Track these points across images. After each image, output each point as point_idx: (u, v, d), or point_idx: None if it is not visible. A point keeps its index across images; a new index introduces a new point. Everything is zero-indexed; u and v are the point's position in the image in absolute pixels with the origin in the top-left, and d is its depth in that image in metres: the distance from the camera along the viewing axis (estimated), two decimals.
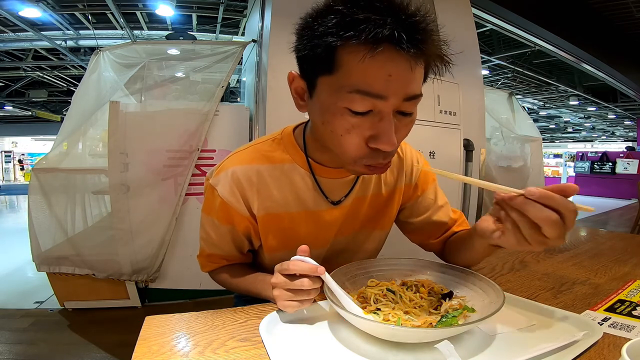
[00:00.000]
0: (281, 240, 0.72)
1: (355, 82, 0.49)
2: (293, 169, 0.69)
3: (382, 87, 0.49)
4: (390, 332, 0.50)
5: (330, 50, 0.49)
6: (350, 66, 0.48)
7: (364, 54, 0.46)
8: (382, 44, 0.46)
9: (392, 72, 0.48)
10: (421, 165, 0.80)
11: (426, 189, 0.81)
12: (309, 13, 0.52)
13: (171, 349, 0.51)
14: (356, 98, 0.49)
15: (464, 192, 2.45)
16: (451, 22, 2.68)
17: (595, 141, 19.25)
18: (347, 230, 0.76)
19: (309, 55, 0.52)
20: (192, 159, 2.32)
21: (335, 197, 0.71)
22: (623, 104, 9.17)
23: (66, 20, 4.86)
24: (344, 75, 0.49)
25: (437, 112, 2.24)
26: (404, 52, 0.47)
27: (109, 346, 1.93)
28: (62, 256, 2.25)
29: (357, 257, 0.80)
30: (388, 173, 0.77)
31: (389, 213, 0.79)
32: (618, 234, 1.26)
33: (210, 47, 2.52)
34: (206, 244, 0.75)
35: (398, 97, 0.50)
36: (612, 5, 4.57)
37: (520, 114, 4.85)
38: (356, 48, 0.47)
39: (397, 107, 0.52)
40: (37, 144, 16.31)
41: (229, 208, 0.67)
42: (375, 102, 0.50)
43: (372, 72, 0.48)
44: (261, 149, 0.70)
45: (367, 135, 0.53)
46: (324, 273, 0.56)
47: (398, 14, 0.46)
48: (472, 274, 0.64)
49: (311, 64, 0.53)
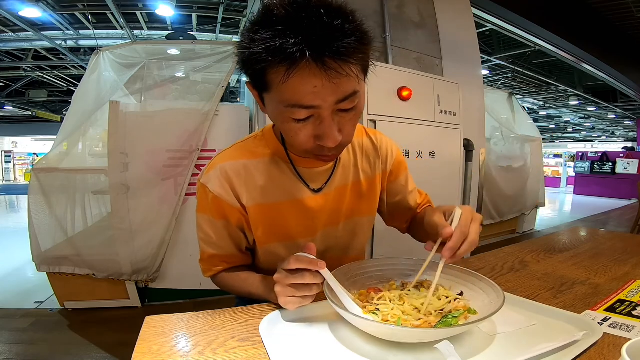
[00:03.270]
0: (271, 231, 0.75)
1: (288, 99, 0.54)
2: (274, 162, 0.74)
3: (311, 99, 0.53)
4: (390, 332, 0.50)
5: (259, 74, 0.55)
6: (279, 86, 0.53)
7: (285, 74, 0.51)
8: (298, 63, 0.50)
9: (316, 84, 0.52)
10: (395, 153, 0.86)
11: (399, 175, 0.87)
12: (241, 39, 0.56)
13: (171, 349, 0.51)
14: (294, 110, 0.55)
15: (463, 192, 2.45)
16: (451, 22, 2.68)
17: (595, 141, 19.25)
18: (335, 219, 0.79)
19: (248, 75, 0.59)
20: (192, 159, 2.32)
21: (316, 185, 0.76)
22: (623, 104, 9.18)
23: (66, 20, 4.86)
24: (277, 93, 0.55)
25: (437, 112, 2.24)
26: (322, 65, 0.50)
27: (109, 346, 1.93)
28: (62, 256, 2.25)
29: (352, 245, 0.84)
30: (364, 161, 0.82)
31: (373, 198, 0.84)
32: (618, 234, 1.26)
33: (210, 47, 2.53)
34: (205, 244, 0.76)
35: (330, 102, 0.54)
36: (612, 5, 4.57)
37: (520, 114, 4.85)
38: (279, 70, 0.51)
39: (335, 108, 0.56)
40: (37, 144, 16.31)
41: (221, 202, 0.71)
42: (312, 111, 0.55)
43: (299, 89, 0.52)
44: (245, 146, 0.76)
45: (313, 135, 0.59)
46: (324, 267, 0.57)
47: (312, 29, 0.49)
48: (472, 274, 0.64)
49: (252, 83, 0.60)
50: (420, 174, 2.27)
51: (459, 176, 2.37)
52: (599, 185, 10.35)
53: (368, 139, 0.84)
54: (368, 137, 0.84)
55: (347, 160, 0.79)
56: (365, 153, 0.82)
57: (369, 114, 1.97)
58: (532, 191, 4.81)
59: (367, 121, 1.95)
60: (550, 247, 1.06)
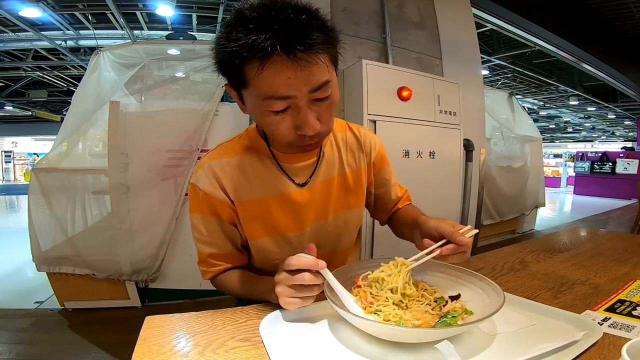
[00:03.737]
0: (260, 226, 0.76)
1: (265, 92, 0.57)
2: (258, 159, 0.76)
3: (286, 90, 0.57)
4: (390, 332, 0.50)
5: (236, 71, 0.58)
6: (255, 80, 0.57)
7: (259, 68, 0.55)
8: (270, 56, 0.54)
9: (289, 75, 0.55)
10: (377, 147, 0.88)
11: (382, 168, 0.89)
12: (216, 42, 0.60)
13: (171, 349, 0.51)
14: (271, 102, 0.58)
15: (463, 192, 2.45)
16: (451, 22, 2.68)
17: (595, 141, 19.24)
18: (323, 213, 0.80)
19: (225, 76, 0.62)
20: (192, 159, 2.32)
21: (301, 180, 0.77)
22: (623, 104, 9.17)
23: (66, 20, 4.86)
24: (254, 87, 0.58)
25: (437, 112, 2.24)
26: (294, 57, 0.54)
27: (109, 346, 1.93)
28: (62, 256, 2.25)
29: (342, 239, 0.85)
30: (348, 154, 0.83)
31: (360, 191, 0.85)
32: (618, 234, 1.26)
33: (210, 47, 2.51)
34: (201, 243, 0.76)
35: (303, 92, 0.58)
36: (612, 5, 4.57)
37: (520, 114, 4.85)
38: (253, 64, 0.55)
39: (310, 98, 0.59)
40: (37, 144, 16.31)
41: (211, 199, 0.73)
42: (288, 101, 0.58)
43: (273, 81, 0.56)
44: (229, 145, 0.79)
45: (292, 125, 0.61)
46: (325, 267, 0.57)
47: (281, 25, 0.53)
48: (472, 274, 0.64)
49: (230, 83, 0.64)
50: (420, 174, 2.29)
51: (459, 176, 2.37)
52: (599, 185, 10.35)
53: (351, 133, 0.85)
54: (351, 131, 0.86)
55: (330, 154, 0.81)
56: (349, 147, 0.84)
57: (369, 114, 1.96)
58: (532, 191, 4.81)
59: (367, 121, 1.95)
60: (550, 247, 1.06)
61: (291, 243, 0.78)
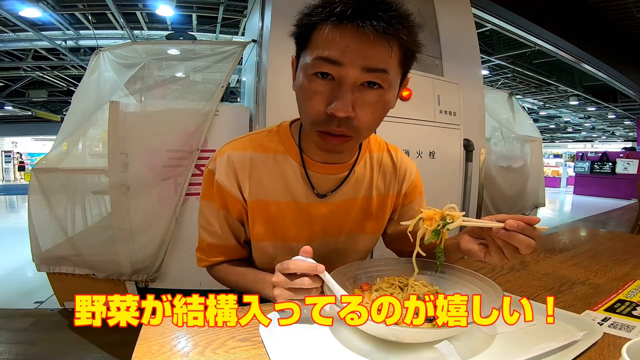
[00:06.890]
0: (267, 229, 0.74)
1: (320, 52, 0.57)
2: (285, 160, 0.73)
3: (339, 55, 0.56)
4: (390, 332, 0.50)
5: (307, 30, 0.60)
6: (318, 40, 0.58)
7: (326, 29, 0.57)
8: (344, 21, 0.55)
9: (350, 44, 0.55)
10: (413, 176, 0.83)
11: (413, 199, 0.83)
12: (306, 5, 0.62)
13: (171, 349, 0.51)
14: (319, 63, 0.57)
15: (463, 192, 2.45)
16: (451, 22, 2.68)
17: (595, 141, 19.24)
18: (335, 231, 0.77)
19: (296, 36, 0.63)
20: (192, 159, 2.32)
21: (323, 190, 0.74)
22: (623, 104, 9.17)
23: (66, 20, 4.87)
24: (314, 47, 0.59)
25: (437, 112, 2.24)
26: (364, 29, 0.54)
27: (109, 346, 1.93)
28: (62, 256, 2.25)
29: (351, 259, 0.79)
30: (379, 178, 0.79)
31: (380, 218, 0.81)
32: (618, 234, 1.26)
33: (210, 47, 2.52)
34: (205, 232, 0.75)
35: (355, 66, 0.56)
36: (612, 5, 4.58)
37: (520, 114, 4.84)
38: (325, 26, 0.57)
39: (359, 78, 0.57)
40: (37, 144, 16.32)
41: (224, 191, 0.71)
42: (336, 69, 0.57)
43: (333, 43, 0.56)
44: (257, 138, 0.75)
45: (327, 100, 0.59)
46: (323, 272, 0.56)
47: None
48: (472, 274, 0.64)
49: (297, 43, 0.64)
50: (420, 174, 2.29)
51: (459, 176, 2.37)
52: (599, 185, 10.36)
53: (388, 155, 0.81)
54: (389, 153, 0.82)
55: (361, 173, 0.77)
56: (383, 170, 0.80)
57: None
58: (532, 191, 4.81)
59: None
60: (550, 247, 1.06)
61: (294, 253, 0.74)
